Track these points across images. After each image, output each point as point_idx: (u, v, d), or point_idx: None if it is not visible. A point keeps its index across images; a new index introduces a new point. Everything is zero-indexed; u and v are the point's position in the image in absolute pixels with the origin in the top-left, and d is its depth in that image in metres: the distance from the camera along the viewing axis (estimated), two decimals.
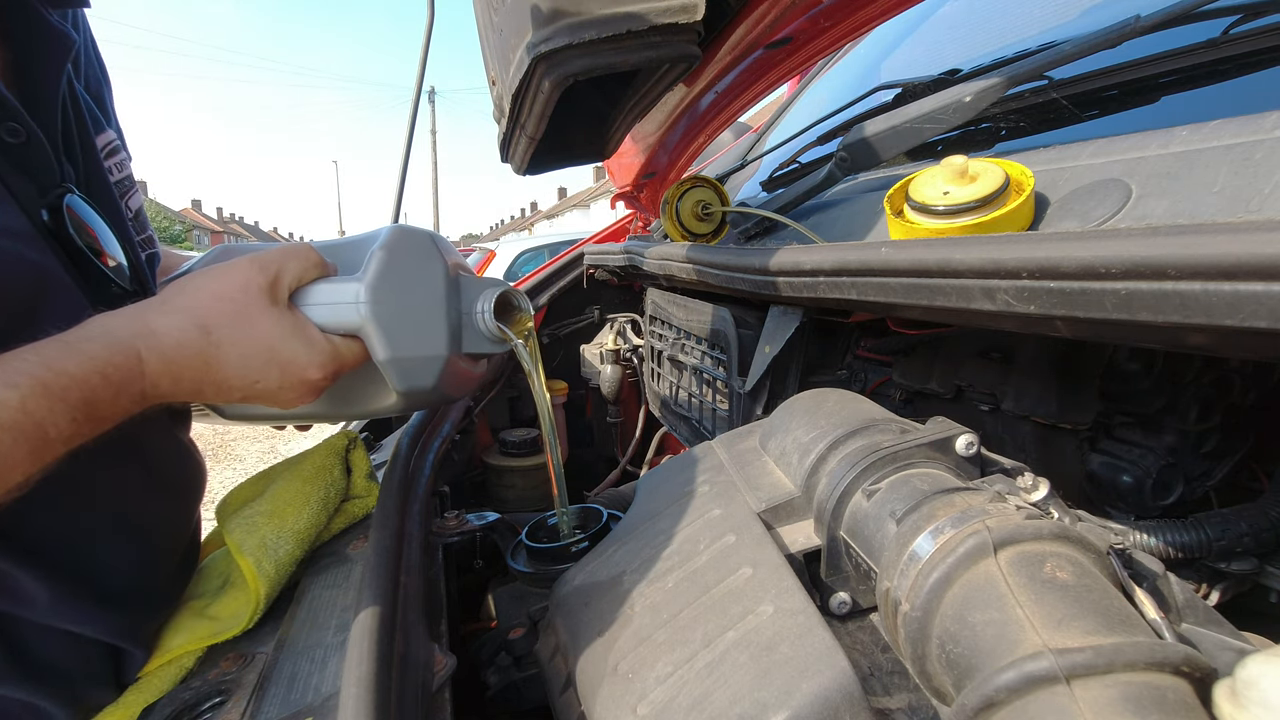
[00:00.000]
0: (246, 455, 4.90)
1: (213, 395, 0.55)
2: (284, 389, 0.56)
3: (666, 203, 1.13)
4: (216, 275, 0.55)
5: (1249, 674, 0.30)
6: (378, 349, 0.61)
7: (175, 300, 0.53)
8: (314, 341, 0.57)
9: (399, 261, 0.64)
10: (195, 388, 0.53)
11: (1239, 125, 0.44)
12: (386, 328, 0.61)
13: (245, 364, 0.53)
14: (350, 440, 0.86)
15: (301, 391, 0.57)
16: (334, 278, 0.62)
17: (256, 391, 0.55)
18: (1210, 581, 0.55)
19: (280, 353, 0.55)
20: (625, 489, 1.20)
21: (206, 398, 0.55)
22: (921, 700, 0.41)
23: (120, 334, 0.49)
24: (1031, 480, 0.47)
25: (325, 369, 0.57)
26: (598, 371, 1.72)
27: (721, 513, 0.57)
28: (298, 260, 0.59)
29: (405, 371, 0.64)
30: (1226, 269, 0.31)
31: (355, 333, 0.61)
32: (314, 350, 0.57)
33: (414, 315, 0.64)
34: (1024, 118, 0.74)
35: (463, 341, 0.70)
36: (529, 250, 8.35)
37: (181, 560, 0.75)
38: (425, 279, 0.66)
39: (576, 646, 0.55)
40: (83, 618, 0.59)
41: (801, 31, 1.01)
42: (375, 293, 0.61)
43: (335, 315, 0.60)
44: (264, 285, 0.55)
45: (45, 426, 0.43)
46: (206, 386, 0.53)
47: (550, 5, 0.62)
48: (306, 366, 0.56)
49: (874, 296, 0.57)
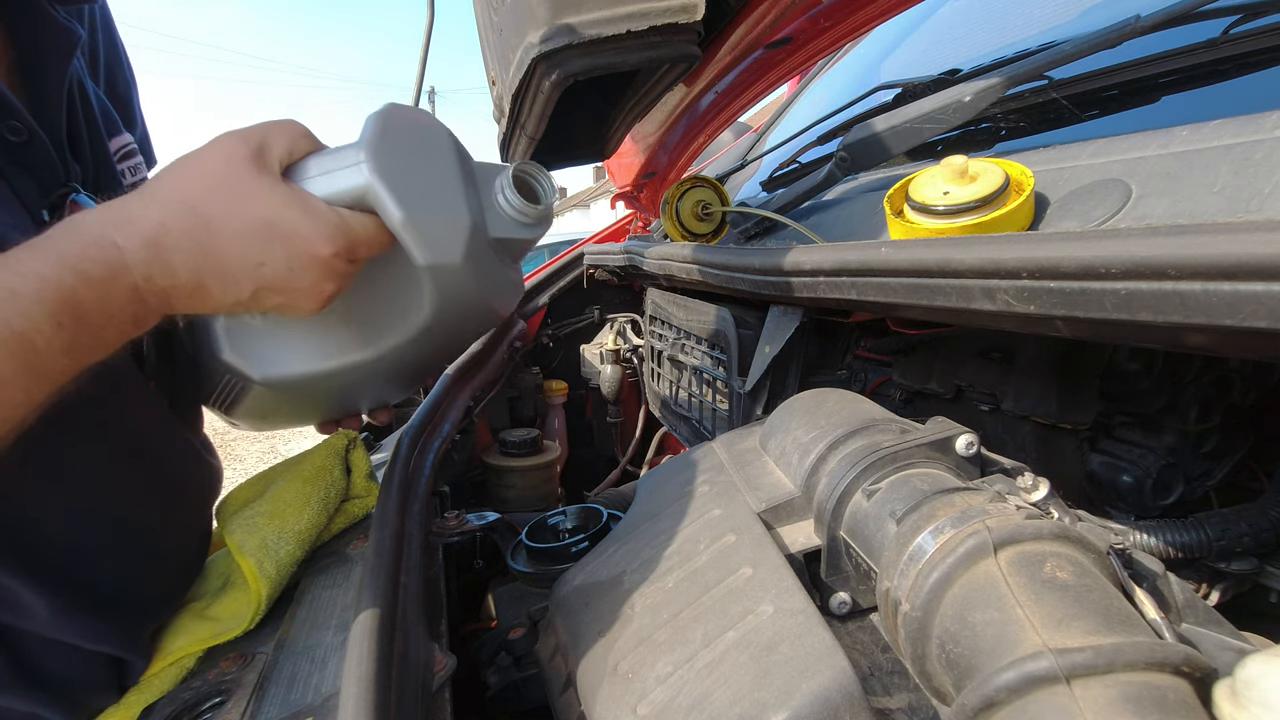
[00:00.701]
0: (246, 455, 4.91)
1: (219, 289, 0.48)
2: (295, 272, 0.50)
3: (666, 203, 1.13)
4: (195, 154, 0.50)
5: (1249, 674, 0.30)
6: (390, 208, 0.53)
7: (152, 186, 0.48)
8: (316, 210, 0.50)
9: (399, 126, 0.56)
10: (194, 278, 0.47)
11: (1239, 125, 0.44)
12: (396, 186, 0.53)
13: (243, 242, 0.47)
14: (350, 440, 0.86)
15: (317, 275, 0.50)
16: (328, 150, 0.55)
17: (266, 279, 0.49)
18: (1210, 581, 0.55)
19: (280, 225, 0.49)
20: (625, 489, 1.20)
21: (214, 295, 0.49)
22: (921, 700, 0.41)
23: (91, 227, 0.44)
24: (1031, 480, 0.47)
25: (335, 241, 0.50)
26: (598, 371, 1.72)
27: (721, 513, 0.57)
28: (283, 132, 0.53)
29: (427, 239, 0.55)
30: (1226, 269, 0.31)
31: (362, 200, 0.53)
32: (318, 220, 0.50)
33: (425, 176, 0.56)
34: (1024, 118, 0.74)
35: (487, 225, 0.61)
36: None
37: (188, 566, 0.74)
38: (431, 143, 0.58)
39: (576, 646, 0.55)
40: (84, 630, 0.59)
41: (801, 31, 1.01)
42: (377, 150, 0.53)
43: (336, 182, 0.53)
44: (249, 155, 0.49)
45: (29, 336, 0.39)
46: (208, 276, 0.47)
47: (550, 5, 0.62)
48: (312, 238, 0.50)
49: (874, 296, 0.57)
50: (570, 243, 4.89)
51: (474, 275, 0.59)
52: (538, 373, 1.71)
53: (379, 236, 0.54)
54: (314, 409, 0.79)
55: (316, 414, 0.81)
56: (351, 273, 0.54)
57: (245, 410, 0.70)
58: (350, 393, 0.76)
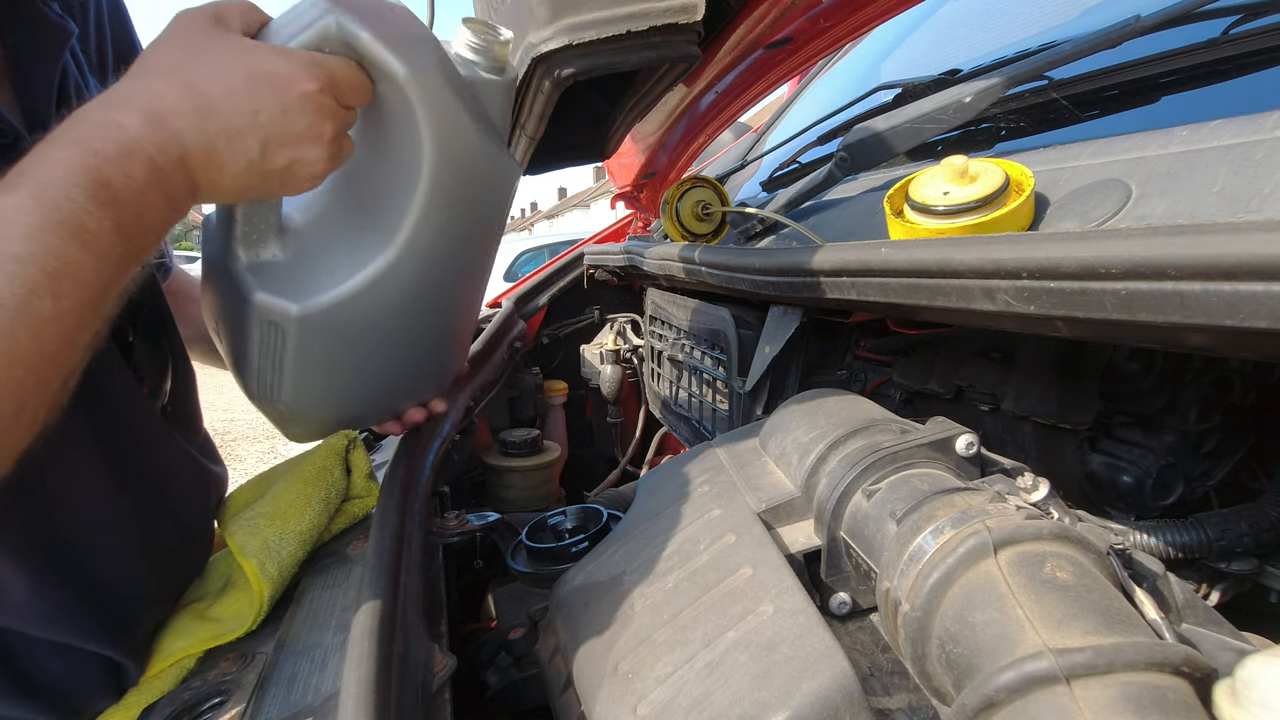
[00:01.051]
0: (246, 455, 4.91)
1: (228, 149, 0.50)
2: (290, 113, 0.51)
3: (666, 203, 1.13)
4: (161, 36, 0.51)
5: (1249, 674, 0.30)
6: (358, 32, 0.54)
7: (135, 68, 0.50)
8: (289, 52, 0.52)
9: None
10: (201, 140, 0.48)
11: (1239, 125, 0.44)
12: (358, 15, 0.55)
13: (233, 94, 0.49)
14: (350, 441, 0.86)
15: (311, 114, 0.52)
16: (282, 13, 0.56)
17: (265, 127, 0.50)
18: (1210, 581, 0.55)
19: (259, 69, 0.50)
20: (625, 489, 1.20)
21: (226, 158, 0.50)
22: (921, 700, 0.41)
23: (92, 113, 0.46)
24: (1031, 480, 0.47)
25: (316, 76, 0.52)
26: (598, 371, 1.72)
27: (721, 513, 0.57)
28: (234, 4, 0.54)
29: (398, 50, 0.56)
30: (1226, 269, 0.31)
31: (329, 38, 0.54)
32: (293, 59, 0.51)
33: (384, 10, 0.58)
34: (1024, 118, 0.74)
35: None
36: (529, 250, 8.34)
37: (183, 570, 0.74)
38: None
39: (576, 646, 0.55)
40: (78, 630, 0.58)
41: (801, 31, 1.01)
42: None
43: (300, 27, 0.54)
44: (210, 20, 0.51)
45: (80, 218, 0.41)
46: (213, 136, 0.49)
47: (550, 5, 0.62)
48: (293, 76, 0.51)
49: (874, 296, 0.57)
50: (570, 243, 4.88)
51: (457, 96, 0.60)
52: (538, 373, 1.71)
53: (356, 74, 0.56)
54: (365, 375, 0.73)
55: (371, 385, 0.75)
56: (344, 116, 0.55)
57: (293, 388, 0.66)
58: (395, 343, 0.71)
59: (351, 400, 0.75)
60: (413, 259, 0.64)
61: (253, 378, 0.66)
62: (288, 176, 0.54)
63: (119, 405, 0.64)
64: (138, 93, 0.47)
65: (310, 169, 0.54)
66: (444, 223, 0.64)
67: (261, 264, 0.62)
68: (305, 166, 0.54)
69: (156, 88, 0.47)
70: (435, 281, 0.68)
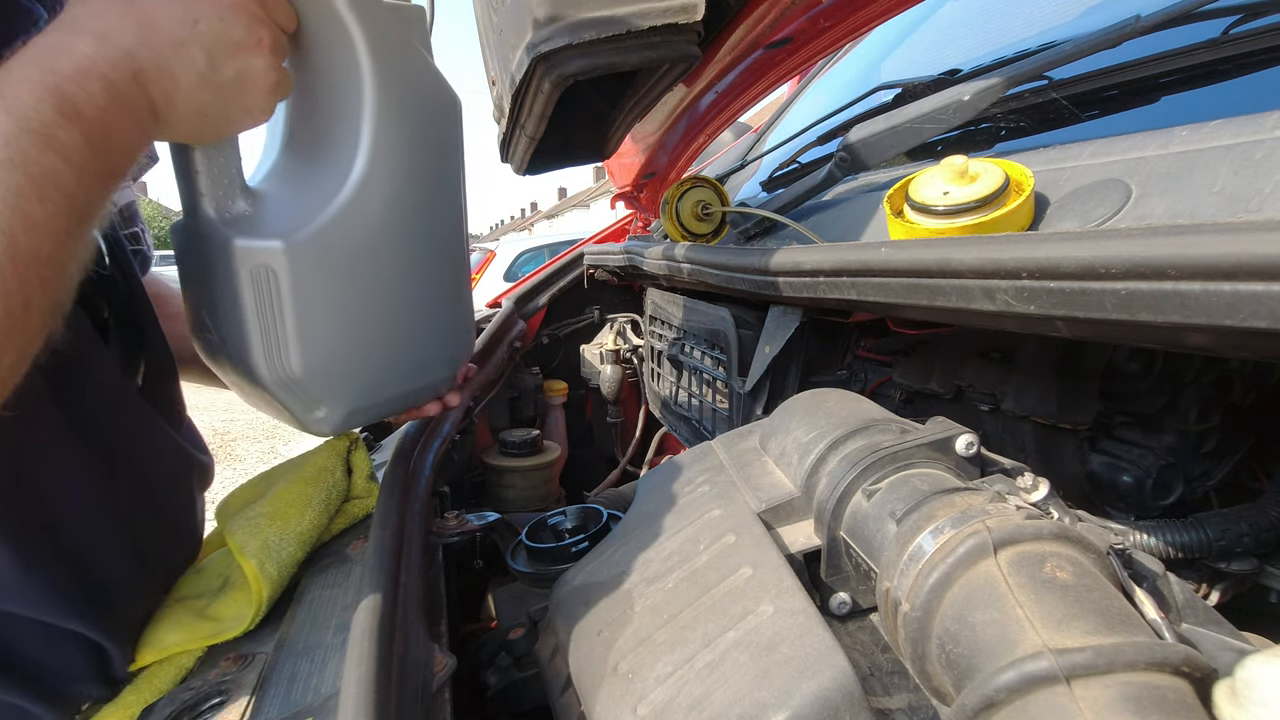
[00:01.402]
0: (246, 455, 4.91)
1: (178, 63, 0.51)
2: (226, 21, 0.53)
3: (666, 203, 1.13)
4: None
5: (1249, 674, 0.30)
6: None
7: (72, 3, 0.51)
8: None
9: None
10: (151, 55, 0.50)
11: (1239, 125, 0.44)
12: None
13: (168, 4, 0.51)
14: (352, 441, 0.86)
15: (246, 21, 0.54)
16: None
17: (206, 37, 0.52)
18: (1210, 581, 0.55)
19: None
20: (625, 489, 1.20)
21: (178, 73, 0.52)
22: (921, 700, 0.41)
23: (44, 38, 0.46)
24: (1031, 480, 0.47)
25: None
26: (598, 371, 1.72)
27: (721, 513, 0.57)
28: None
29: None
30: (1226, 269, 0.31)
31: None
32: None
33: None
34: (1024, 118, 0.74)
35: None
36: (529, 250, 8.34)
37: (169, 557, 0.74)
38: None
39: (576, 647, 0.55)
40: (54, 605, 0.58)
41: (801, 31, 1.01)
42: None
43: None
44: None
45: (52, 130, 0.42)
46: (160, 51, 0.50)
47: (550, 5, 0.62)
48: None
49: (874, 296, 0.57)
50: (570, 243, 4.88)
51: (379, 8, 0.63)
52: (538, 373, 1.71)
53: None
54: (369, 326, 0.70)
55: (379, 345, 0.71)
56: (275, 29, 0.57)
57: (299, 343, 0.64)
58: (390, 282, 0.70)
59: (365, 368, 0.71)
60: (379, 172, 0.66)
61: (257, 351, 0.63)
62: (239, 91, 0.55)
63: (95, 378, 0.64)
64: (84, 15, 0.49)
65: (259, 80, 0.56)
66: (400, 136, 0.67)
67: (234, 217, 0.63)
68: (254, 76, 0.56)
69: (99, 8, 0.49)
70: (409, 201, 0.70)
